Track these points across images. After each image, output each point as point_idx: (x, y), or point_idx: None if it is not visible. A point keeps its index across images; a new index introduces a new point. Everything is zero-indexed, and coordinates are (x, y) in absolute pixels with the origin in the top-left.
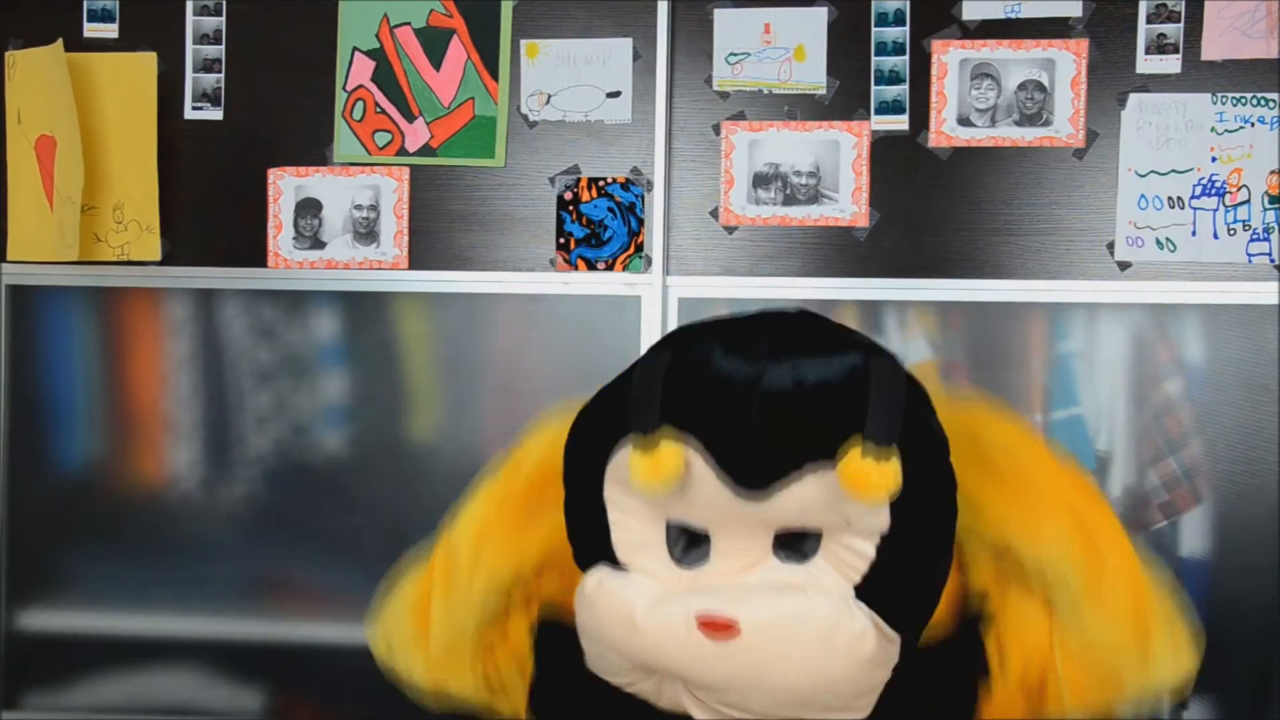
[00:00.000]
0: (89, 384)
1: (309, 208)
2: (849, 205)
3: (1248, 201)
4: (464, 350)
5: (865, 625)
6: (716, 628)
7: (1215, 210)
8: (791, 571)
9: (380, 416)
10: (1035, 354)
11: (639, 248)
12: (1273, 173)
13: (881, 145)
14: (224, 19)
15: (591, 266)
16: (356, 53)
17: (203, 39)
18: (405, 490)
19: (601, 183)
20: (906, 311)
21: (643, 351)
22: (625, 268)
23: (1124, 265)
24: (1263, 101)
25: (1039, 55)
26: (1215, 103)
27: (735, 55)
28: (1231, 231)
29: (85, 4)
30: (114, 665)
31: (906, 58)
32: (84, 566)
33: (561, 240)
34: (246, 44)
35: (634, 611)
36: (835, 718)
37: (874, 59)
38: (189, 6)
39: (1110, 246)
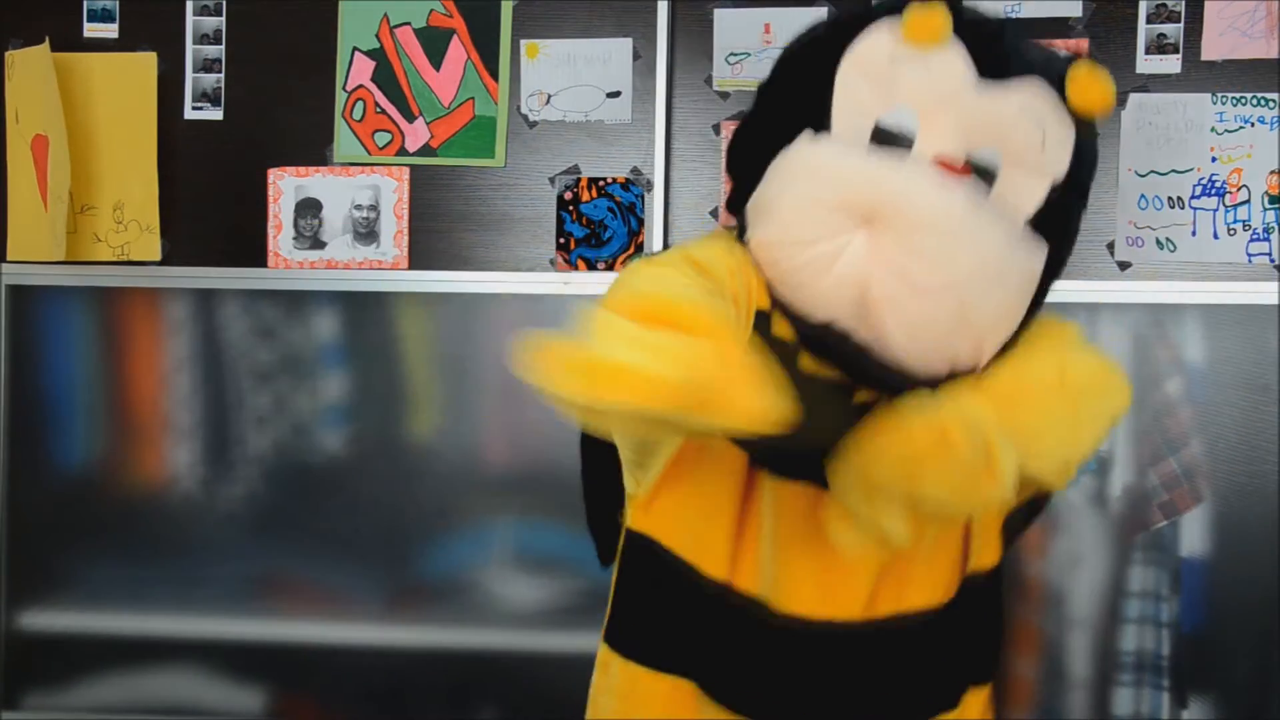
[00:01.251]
0: (89, 384)
1: (309, 208)
2: None
3: (1248, 201)
4: (464, 350)
5: (1036, 248)
6: (954, 168)
7: (1215, 210)
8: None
9: (380, 416)
10: None
11: (639, 248)
12: (1273, 173)
13: None
14: (224, 19)
15: (591, 266)
16: (356, 53)
17: (203, 39)
18: (405, 490)
19: (601, 183)
20: None
21: None
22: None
23: (1124, 265)
24: (1263, 101)
25: None
26: (1215, 103)
27: (735, 55)
28: (1231, 231)
29: (85, 4)
30: (114, 665)
31: None
32: (84, 566)
33: (561, 240)
34: (247, 44)
35: (866, 152)
36: (986, 335)
37: None
38: (189, 6)
39: (1110, 246)
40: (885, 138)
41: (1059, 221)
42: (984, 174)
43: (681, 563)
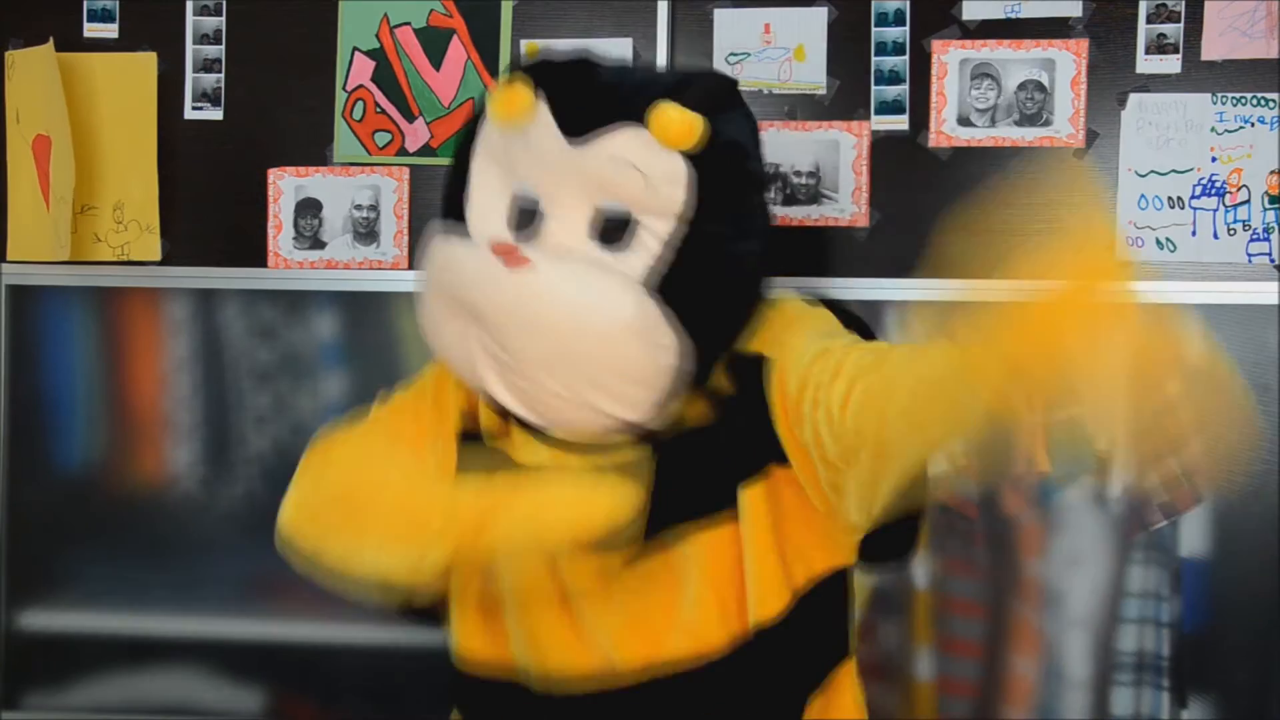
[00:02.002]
0: (89, 384)
1: (309, 208)
2: (849, 205)
3: (1248, 201)
4: None
5: (636, 294)
6: (508, 254)
7: (1215, 210)
8: (601, 254)
9: None
10: None
11: None
12: (1273, 173)
13: (881, 145)
14: (224, 19)
15: None
16: (356, 53)
17: (203, 39)
18: None
19: None
20: (906, 311)
21: None
22: None
23: None
24: (1263, 101)
25: (1039, 55)
26: (1215, 103)
27: (735, 55)
28: (1231, 231)
29: (85, 4)
30: (114, 665)
31: (906, 58)
32: (84, 566)
33: None
34: (247, 44)
35: (450, 244)
36: (600, 398)
37: (874, 59)
38: (189, 6)
39: None
40: (522, 214)
41: (708, 249)
42: (621, 224)
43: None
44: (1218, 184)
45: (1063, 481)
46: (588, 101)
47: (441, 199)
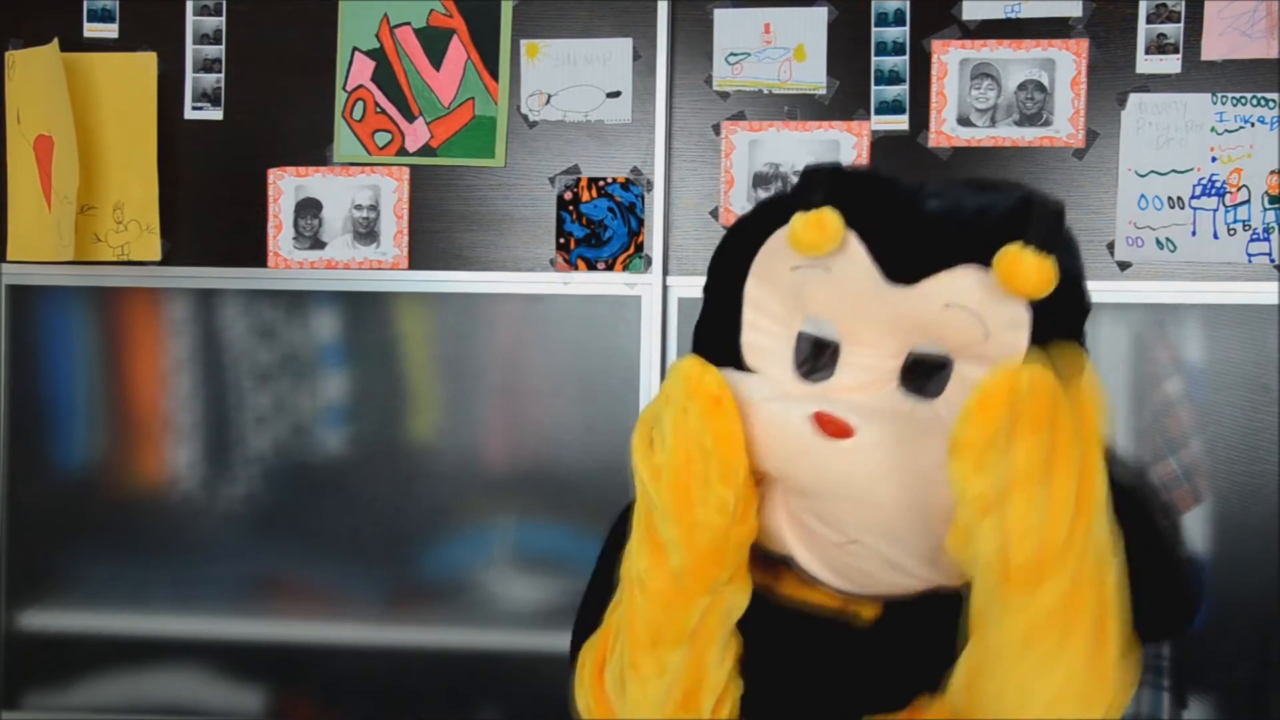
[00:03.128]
0: (89, 384)
1: (309, 208)
2: None
3: (1248, 201)
4: (464, 350)
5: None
6: (833, 427)
7: (1215, 210)
8: (913, 404)
9: (380, 416)
10: None
11: (639, 248)
12: (1273, 173)
13: (881, 145)
14: (224, 19)
15: (591, 266)
16: (356, 53)
17: (203, 39)
18: (405, 490)
19: (601, 183)
20: None
21: (643, 352)
22: (625, 268)
23: (1124, 265)
24: (1263, 101)
25: (1039, 55)
26: (1215, 103)
27: (735, 55)
28: (1231, 231)
29: (85, 4)
30: (114, 665)
31: (906, 58)
32: (84, 566)
33: (561, 240)
34: (246, 44)
35: (750, 402)
36: (922, 569)
37: (874, 59)
38: (189, 7)
39: (1110, 246)
40: (810, 349)
41: None
42: (935, 368)
43: None
44: (1218, 184)
45: None
46: (912, 239)
47: (697, 326)
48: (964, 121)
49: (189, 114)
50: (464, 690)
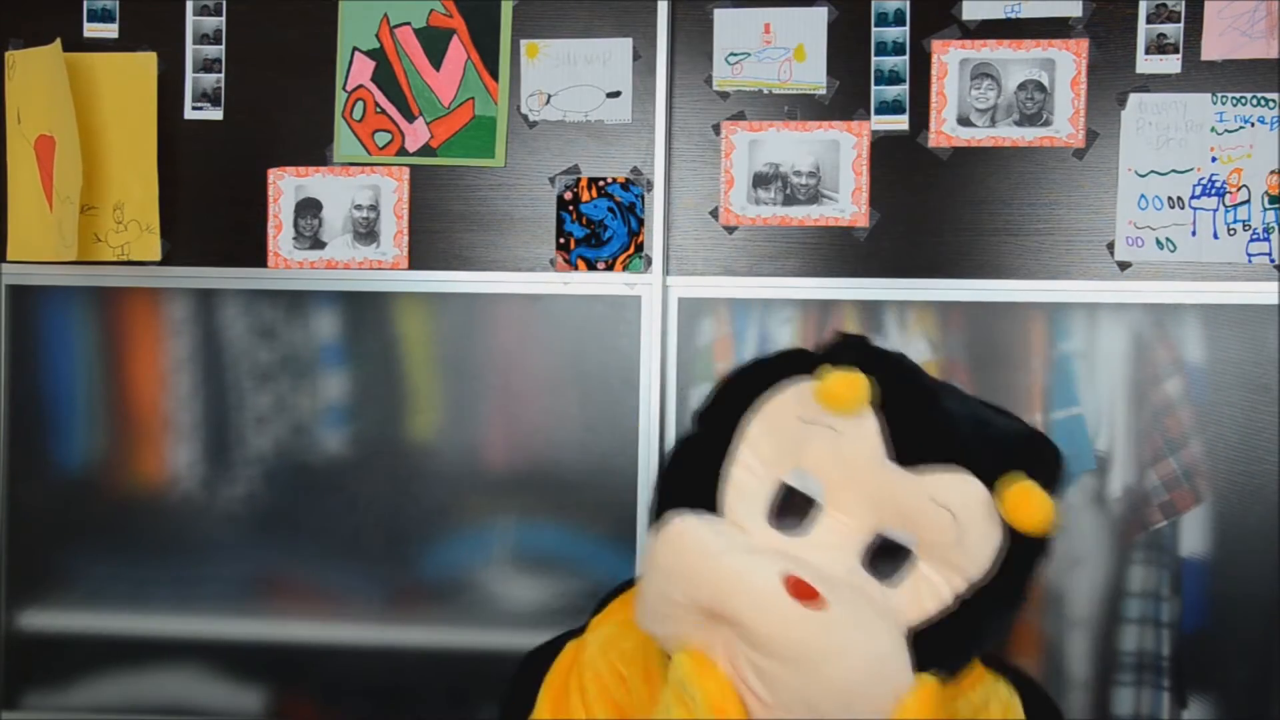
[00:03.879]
0: (89, 384)
1: (309, 208)
2: (849, 205)
3: (1248, 201)
4: (464, 350)
5: (908, 661)
6: (805, 592)
7: (1215, 210)
8: (870, 584)
9: (380, 416)
10: (1035, 354)
11: (639, 248)
12: (1273, 173)
13: (881, 145)
14: (224, 19)
15: (591, 266)
16: (356, 53)
17: (203, 39)
18: (405, 490)
19: (601, 183)
20: (906, 311)
21: (643, 352)
22: (625, 268)
23: (1124, 265)
24: (1263, 101)
25: (1039, 55)
26: (1215, 103)
27: (735, 55)
28: (1231, 231)
29: (85, 4)
30: (114, 665)
31: (906, 58)
32: (84, 566)
33: (561, 240)
34: (246, 44)
35: (721, 550)
36: None
37: (874, 59)
38: (189, 6)
39: (1110, 246)
40: (788, 499)
41: (971, 622)
42: (894, 553)
43: None
44: (1218, 184)
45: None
46: (929, 428)
47: (675, 455)
48: (964, 121)
49: (189, 114)
50: (464, 690)
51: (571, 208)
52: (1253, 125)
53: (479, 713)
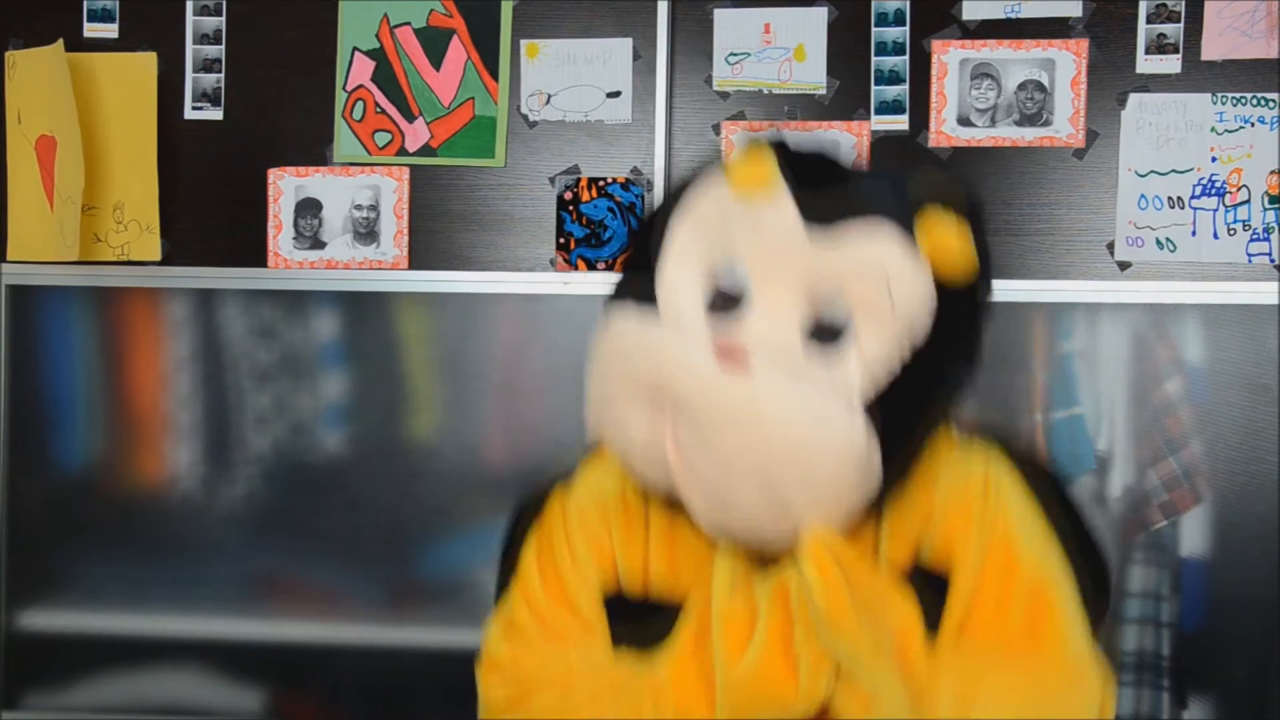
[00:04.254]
0: (89, 384)
1: (309, 208)
2: None
3: (1248, 201)
4: (464, 350)
5: (861, 423)
6: (732, 354)
7: (1215, 210)
8: (813, 353)
9: (380, 416)
10: (1035, 354)
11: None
12: (1273, 173)
13: (881, 145)
14: (224, 19)
15: (591, 266)
16: (356, 53)
17: (203, 39)
18: (405, 490)
19: (601, 183)
20: None
21: None
22: None
23: (1124, 265)
24: (1263, 101)
25: (1039, 55)
26: (1215, 103)
27: (735, 55)
28: (1231, 231)
29: (85, 4)
30: (114, 665)
31: (906, 58)
32: (84, 566)
33: (561, 240)
34: (247, 44)
35: (654, 332)
36: (800, 515)
37: (874, 59)
38: (189, 6)
39: (1110, 246)
40: (722, 298)
41: (928, 378)
42: (831, 331)
43: None
44: (1218, 184)
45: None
46: (840, 192)
47: (622, 266)
48: (964, 121)
49: (189, 114)
50: (464, 690)
51: (571, 208)
52: (1253, 125)
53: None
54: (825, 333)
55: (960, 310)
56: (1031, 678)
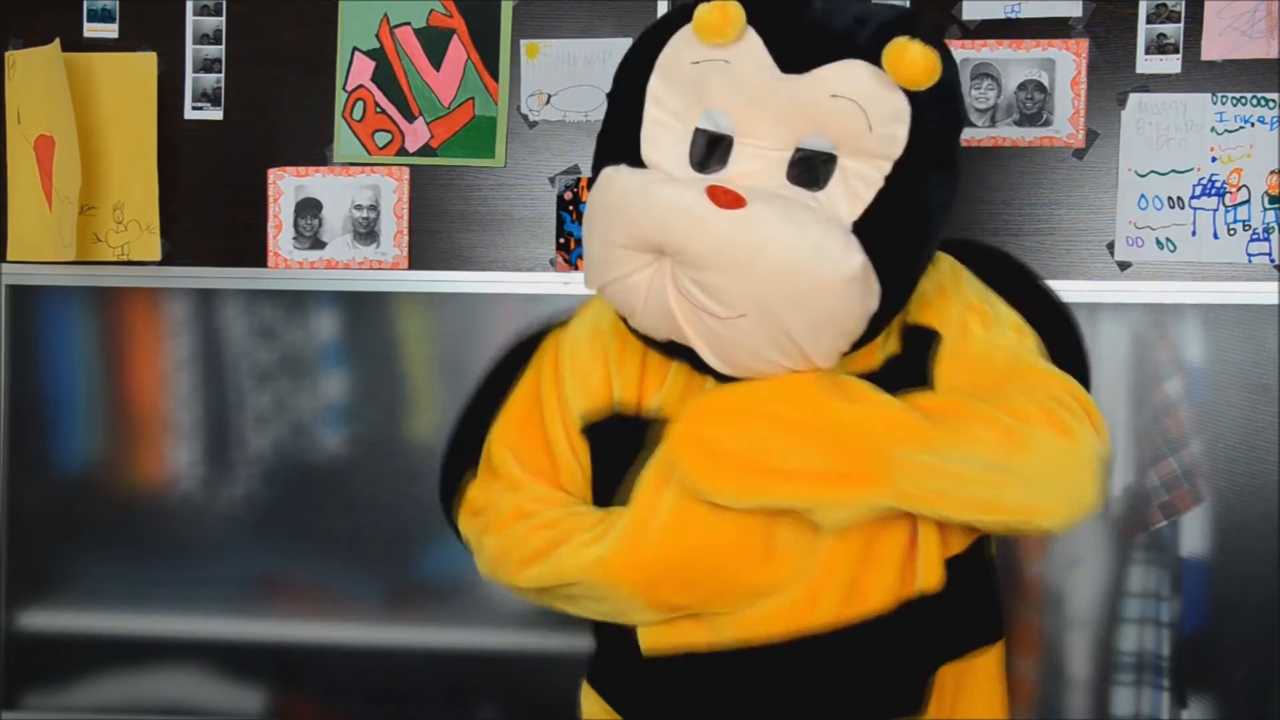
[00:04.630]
0: (89, 384)
1: (309, 208)
2: None
3: (1248, 201)
4: (464, 350)
5: (855, 248)
6: (725, 196)
7: (1215, 210)
8: (799, 193)
9: (380, 416)
10: None
11: None
12: (1273, 173)
13: None
14: (224, 19)
15: None
16: (356, 53)
17: (203, 39)
18: (405, 490)
19: None
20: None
21: None
22: None
23: (1124, 265)
24: (1263, 101)
25: (1039, 55)
26: (1215, 103)
27: None
28: (1231, 231)
29: (85, 4)
30: (114, 665)
31: None
32: (84, 566)
33: (561, 240)
34: (247, 44)
35: (649, 182)
36: (806, 344)
37: None
38: (189, 6)
39: (1110, 246)
40: (707, 142)
41: (915, 195)
42: (820, 162)
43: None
44: (1218, 184)
45: None
46: (806, 30)
47: (600, 134)
48: None
49: (189, 114)
50: (464, 690)
51: (571, 208)
52: (1253, 125)
53: (479, 713)
54: (811, 165)
55: (944, 125)
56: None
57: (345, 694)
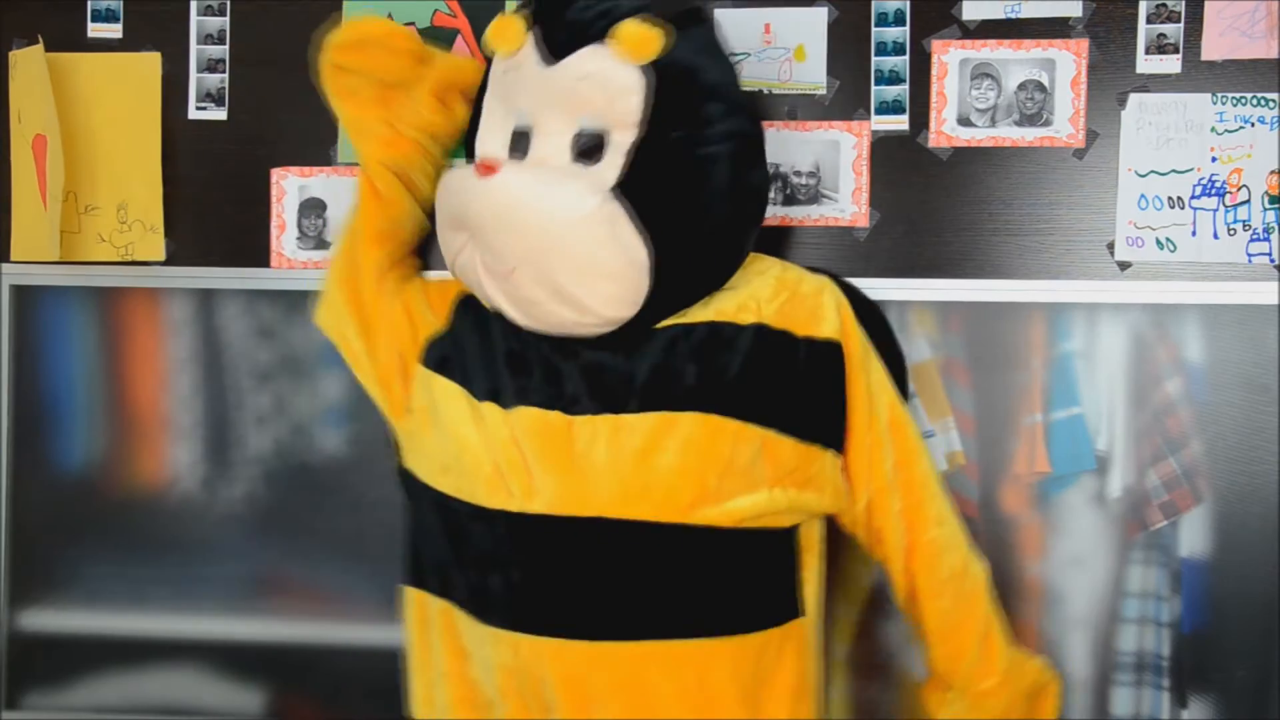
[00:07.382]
0: (90, 384)
1: (313, 208)
2: (849, 205)
3: (1248, 201)
4: None
5: (596, 191)
6: (482, 168)
7: (1215, 210)
8: (579, 168)
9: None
10: (1035, 354)
11: None
12: (1273, 173)
13: (881, 145)
14: (228, 19)
15: None
16: None
17: (207, 39)
18: None
19: None
20: (906, 311)
21: None
22: None
23: (1124, 265)
24: (1263, 101)
25: (1039, 55)
26: (1215, 103)
27: (735, 55)
28: (1231, 231)
29: (89, 4)
30: (114, 665)
31: (906, 58)
32: (84, 566)
33: None
34: (250, 44)
35: (453, 173)
36: (577, 290)
37: (874, 59)
38: (193, 7)
39: (1110, 246)
40: (516, 138)
41: (666, 153)
42: (593, 139)
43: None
44: (1218, 184)
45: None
46: (563, 28)
47: (463, 142)
48: (964, 121)
49: (193, 114)
50: None
51: None
52: (1253, 125)
53: None
54: (586, 143)
55: (679, 92)
56: None
57: (345, 694)
